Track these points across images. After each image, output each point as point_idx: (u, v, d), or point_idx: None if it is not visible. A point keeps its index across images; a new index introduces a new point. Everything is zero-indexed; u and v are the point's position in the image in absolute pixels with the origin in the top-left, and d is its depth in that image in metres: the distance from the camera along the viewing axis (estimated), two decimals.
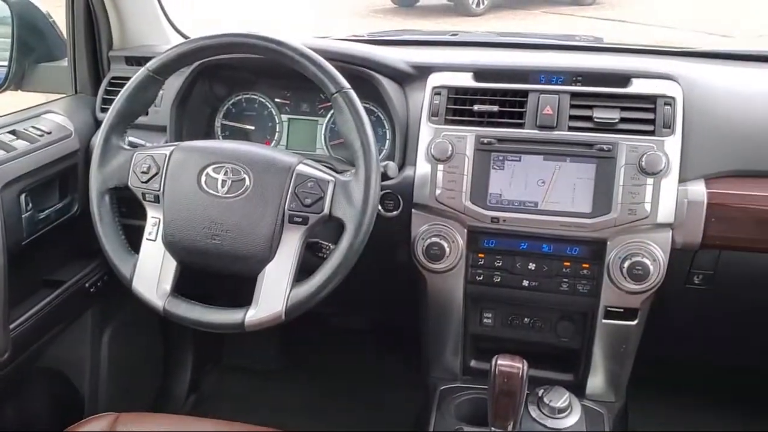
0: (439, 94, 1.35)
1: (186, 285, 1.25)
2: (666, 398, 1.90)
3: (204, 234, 1.18)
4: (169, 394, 2.03)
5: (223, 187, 1.18)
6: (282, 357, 2.20)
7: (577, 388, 1.44)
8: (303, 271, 1.18)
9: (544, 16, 9.63)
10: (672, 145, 1.24)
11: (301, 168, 1.17)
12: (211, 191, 1.18)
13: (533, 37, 1.72)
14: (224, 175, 1.18)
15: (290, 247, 1.16)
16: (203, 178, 1.19)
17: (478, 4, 9.44)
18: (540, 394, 1.35)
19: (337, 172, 1.22)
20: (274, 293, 1.15)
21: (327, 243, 1.24)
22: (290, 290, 1.15)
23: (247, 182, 1.17)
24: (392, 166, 1.30)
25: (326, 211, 1.15)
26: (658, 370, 1.89)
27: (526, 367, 1.21)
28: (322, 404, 2.01)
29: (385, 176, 1.29)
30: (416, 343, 1.56)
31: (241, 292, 1.18)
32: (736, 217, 1.25)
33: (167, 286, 1.21)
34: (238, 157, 1.19)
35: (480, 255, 1.35)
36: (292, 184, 1.16)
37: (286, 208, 1.15)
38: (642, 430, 1.81)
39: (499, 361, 1.21)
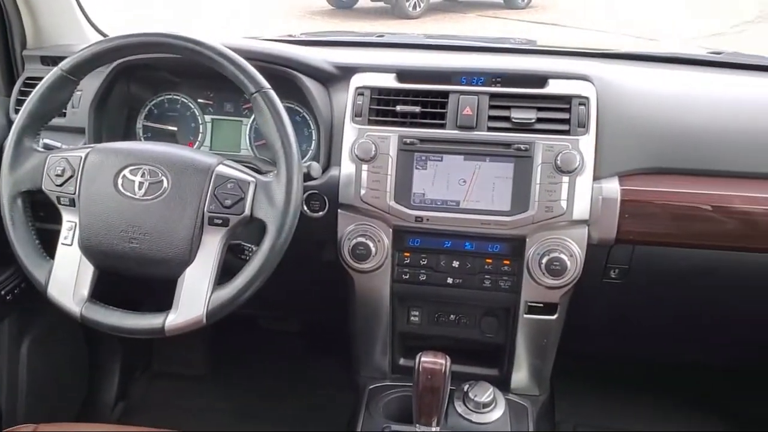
0: (362, 94, 1.36)
1: (109, 291, 1.22)
2: (592, 392, 1.96)
3: (121, 237, 1.15)
4: (95, 403, 1.97)
5: (140, 189, 1.16)
6: (213, 361, 2.17)
7: (502, 383, 1.47)
8: (226, 274, 1.17)
9: (479, 19, 9.78)
10: (586, 143, 1.28)
11: (221, 169, 1.16)
12: (128, 194, 1.16)
13: (459, 39, 1.75)
14: (141, 177, 1.16)
15: (210, 250, 1.15)
16: (120, 181, 1.17)
17: (414, 7, 9.52)
18: (465, 390, 1.37)
19: (261, 172, 1.21)
20: (195, 297, 1.14)
21: (249, 245, 1.24)
22: (211, 293, 1.14)
23: (165, 184, 1.15)
24: (316, 167, 1.30)
25: (247, 212, 1.14)
26: (583, 364, 1.95)
27: (449, 363, 1.23)
28: (254, 408, 1.99)
29: (308, 176, 1.29)
30: (346, 343, 1.56)
31: (164, 296, 1.16)
32: (648, 213, 1.30)
33: (84, 291, 1.19)
34: (155, 159, 1.17)
35: (405, 254, 1.37)
36: (211, 185, 1.15)
37: (205, 209, 1.14)
38: (568, 422, 1.87)
39: (422, 358, 1.23)
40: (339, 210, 1.35)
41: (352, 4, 10.39)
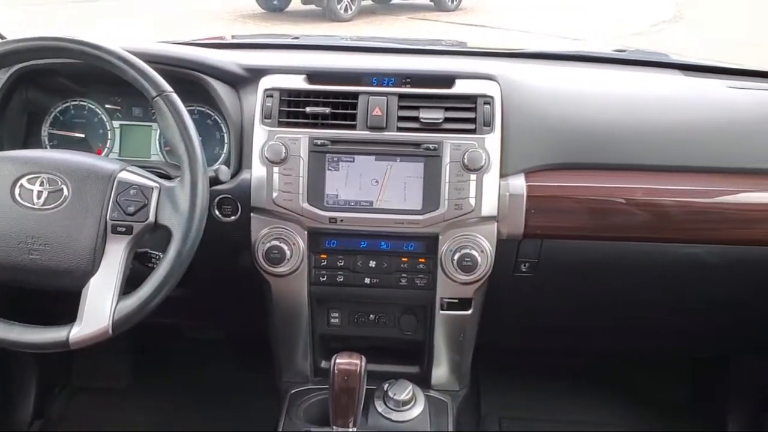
0: (271, 96, 1.35)
1: (20, 305, 1.18)
2: (517, 384, 2.01)
3: (20, 249, 1.11)
4: (10, 421, 1.89)
5: (39, 198, 1.12)
6: (136, 374, 2.11)
7: (424, 380, 1.49)
8: (135, 283, 1.14)
9: (410, 21, 9.88)
10: (492, 142, 1.30)
11: (123, 175, 1.14)
12: (26, 203, 1.12)
13: (374, 40, 1.76)
14: (40, 185, 1.13)
15: (115, 259, 1.12)
16: (17, 190, 1.13)
17: (346, 10, 9.57)
18: (385, 389, 1.38)
19: (171, 178, 1.19)
20: (100, 308, 1.11)
21: (157, 252, 1.21)
22: (116, 304, 1.11)
23: (66, 192, 1.12)
24: (224, 170, 1.28)
25: (151, 219, 1.12)
26: (508, 358, 1.99)
27: (364, 364, 1.23)
28: (179, 419, 1.94)
29: (216, 180, 1.27)
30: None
31: (70, 309, 1.13)
32: (552, 208, 1.34)
33: None
34: (55, 167, 1.14)
35: (322, 256, 1.37)
36: (113, 192, 1.12)
37: (107, 218, 1.11)
38: (493, 415, 1.90)
39: (337, 360, 1.23)
40: (252, 214, 1.33)
41: (283, 6, 10.35)
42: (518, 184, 1.31)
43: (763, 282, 1.43)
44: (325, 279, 1.38)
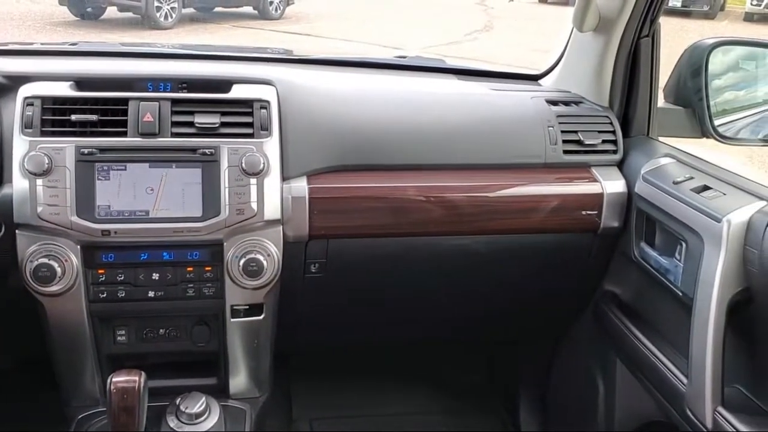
0: (32, 104, 1.27)
1: None
2: (329, 384, 2.03)
3: None
4: None
5: None
6: None
7: (222, 390, 1.46)
8: None
9: (235, 29, 9.75)
10: (270, 146, 1.31)
11: None
12: None
13: (156, 46, 1.71)
14: None
15: None
16: None
17: (166, 18, 9.26)
18: (177, 403, 1.34)
19: None
20: None
21: None
22: None
23: None
24: None
25: None
26: (318, 360, 2.01)
27: (143, 380, 1.19)
28: None
29: None
30: None
31: None
32: (333, 209, 1.37)
33: None
34: None
35: (100, 271, 1.30)
36: None
37: None
38: (304, 418, 1.91)
39: (114, 378, 1.18)
40: (16, 231, 1.24)
41: (98, 14, 9.81)
42: (300, 186, 1.33)
43: (528, 268, 1.55)
44: (105, 296, 1.31)
